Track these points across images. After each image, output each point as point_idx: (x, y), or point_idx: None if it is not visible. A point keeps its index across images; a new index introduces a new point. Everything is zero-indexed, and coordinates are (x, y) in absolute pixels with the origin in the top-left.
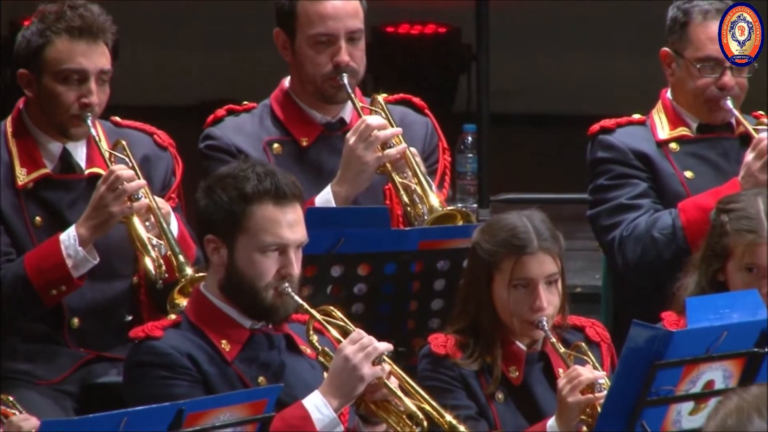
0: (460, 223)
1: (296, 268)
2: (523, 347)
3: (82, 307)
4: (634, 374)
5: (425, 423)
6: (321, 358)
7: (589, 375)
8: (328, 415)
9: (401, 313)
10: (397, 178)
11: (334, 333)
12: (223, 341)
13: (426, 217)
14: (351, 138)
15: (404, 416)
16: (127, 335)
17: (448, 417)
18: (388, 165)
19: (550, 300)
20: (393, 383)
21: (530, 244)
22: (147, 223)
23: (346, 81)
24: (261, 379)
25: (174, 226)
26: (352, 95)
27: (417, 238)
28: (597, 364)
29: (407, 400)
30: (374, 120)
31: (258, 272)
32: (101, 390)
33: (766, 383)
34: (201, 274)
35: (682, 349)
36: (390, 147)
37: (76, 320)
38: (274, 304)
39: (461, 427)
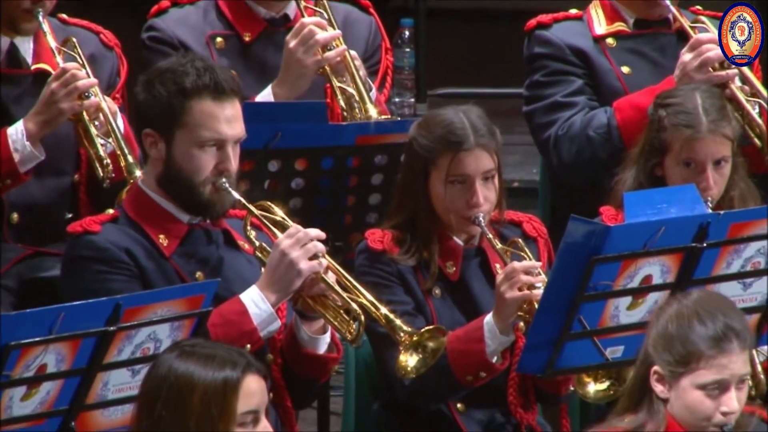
0: None
1: (234, 164)
2: (460, 243)
3: (22, 202)
4: (572, 269)
5: (362, 317)
6: (258, 254)
7: (526, 267)
8: (265, 310)
9: (338, 208)
10: (335, 82)
11: (272, 228)
12: (161, 236)
13: None
14: (291, 41)
15: (341, 311)
16: (65, 232)
17: (384, 310)
18: (327, 68)
19: (486, 196)
20: (330, 278)
21: (467, 140)
22: (96, 122)
23: None
24: (199, 274)
25: (120, 126)
26: None
27: (354, 133)
28: (534, 260)
29: (345, 295)
30: (315, 22)
31: (196, 167)
32: (39, 285)
33: (706, 287)
34: None
35: (619, 244)
36: (330, 50)
37: (15, 215)
38: (212, 199)
39: (397, 321)
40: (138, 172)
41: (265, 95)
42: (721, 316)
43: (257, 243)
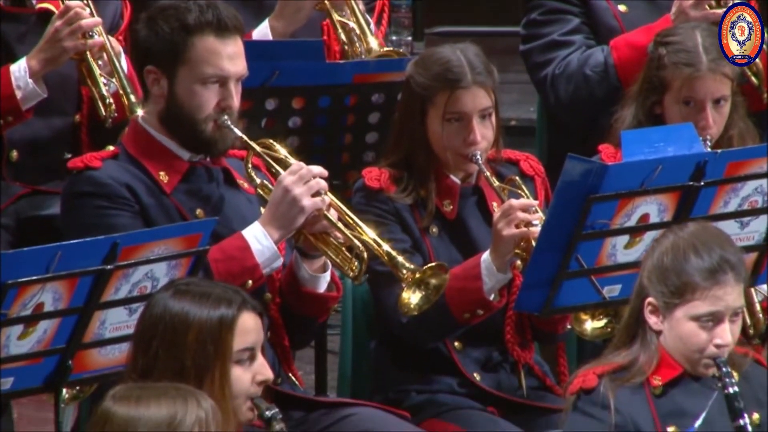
0: None
1: (236, 101)
2: (457, 181)
3: (22, 140)
4: (569, 208)
5: (365, 254)
6: (260, 191)
7: (524, 203)
8: (268, 247)
9: (336, 147)
10: (335, 16)
11: (274, 166)
12: (162, 172)
13: (363, 57)
14: None
15: (343, 248)
16: (64, 172)
17: (386, 248)
18: (326, 2)
19: (483, 134)
20: (333, 215)
21: (464, 77)
22: (99, 62)
23: None
24: (199, 211)
25: (124, 66)
26: None
27: (351, 72)
28: (531, 198)
29: (347, 232)
30: None
31: (198, 104)
32: (37, 224)
33: (702, 220)
34: None
35: (617, 182)
36: None
37: (15, 153)
38: (214, 136)
39: (399, 258)
40: (140, 111)
41: (262, 29)
42: (717, 248)
43: (258, 180)
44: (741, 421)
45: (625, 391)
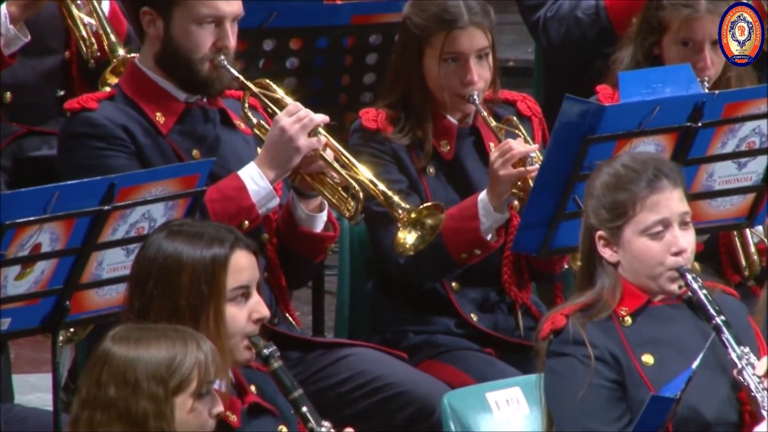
0: None
1: (232, 41)
2: (454, 121)
3: (13, 81)
4: (567, 148)
5: (361, 194)
6: (256, 131)
7: (521, 148)
8: (264, 187)
9: (333, 88)
10: None
11: (271, 106)
12: (158, 113)
13: None
14: None
15: (339, 188)
16: (59, 110)
17: (383, 188)
18: None
19: (480, 74)
20: (329, 155)
21: (461, 18)
22: (78, 1)
23: None
24: (195, 152)
25: (105, 4)
26: None
27: (349, 12)
28: (528, 138)
29: (343, 172)
30: None
31: (194, 44)
32: (34, 164)
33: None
34: (133, 54)
35: (614, 123)
36: None
37: (8, 95)
38: (210, 76)
39: (396, 198)
40: (121, 51)
41: None
42: (649, 161)
43: (255, 120)
44: (716, 320)
45: (594, 326)
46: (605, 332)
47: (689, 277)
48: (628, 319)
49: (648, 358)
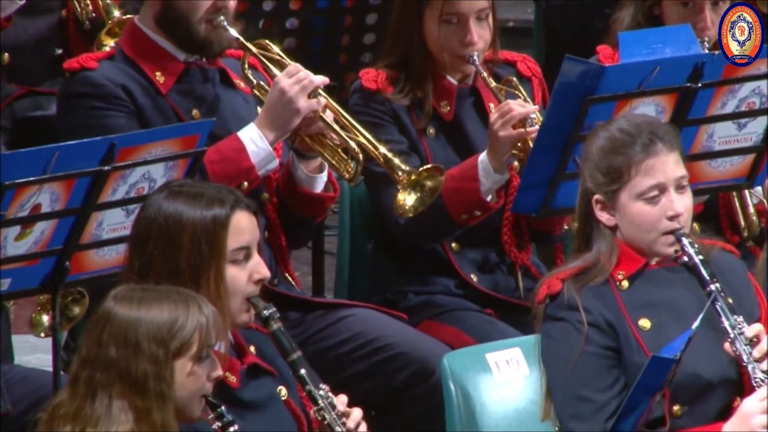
0: None
1: (232, 1)
2: (454, 82)
3: (11, 42)
4: (567, 109)
5: (360, 156)
6: (256, 92)
7: (521, 109)
8: (263, 148)
9: (333, 48)
10: None
11: (270, 67)
12: (158, 73)
13: None
14: None
15: (339, 150)
16: (57, 70)
17: (382, 149)
18: None
19: (480, 34)
20: (328, 116)
21: None
22: None
23: None
24: (195, 111)
25: None
26: None
27: None
28: (528, 99)
29: (343, 133)
30: None
31: (193, 4)
32: (33, 124)
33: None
34: (128, 16)
35: (614, 84)
36: None
37: (6, 56)
38: (209, 37)
39: (395, 160)
40: (116, 13)
41: None
42: (644, 125)
43: (255, 81)
44: (711, 287)
45: (590, 291)
46: (601, 297)
47: (685, 241)
48: (625, 283)
49: (645, 322)
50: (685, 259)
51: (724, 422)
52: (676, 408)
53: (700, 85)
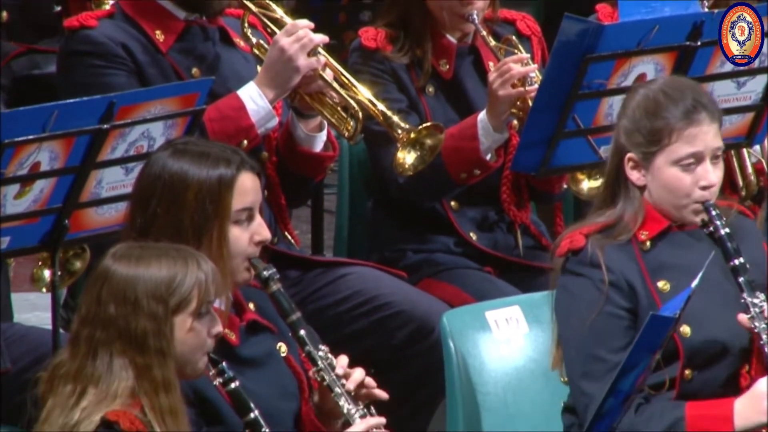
0: None
1: None
2: (454, 41)
3: (9, 0)
4: (566, 68)
5: (360, 114)
6: (256, 51)
7: (520, 68)
8: (263, 107)
9: (332, 6)
10: None
11: (270, 26)
12: (158, 31)
13: None
14: None
15: (339, 108)
16: (56, 28)
17: (382, 107)
18: None
19: None
20: (328, 75)
21: None
22: None
23: None
24: (195, 70)
25: None
26: None
27: None
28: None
29: (342, 92)
30: None
31: None
32: (33, 82)
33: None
34: None
35: (613, 42)
36: None
37: (4, 14)
38: None
39: (395, 118)
40: None
41: None
42: (688, 91)
43: (254, 40)
44: (735, 261)
45: (612, 249)
46: (623, 256)
47: (714, 212)
48: (648, 244)
49: (664, 285)
50: (711, 229)
51: (735, 397)
52: (687, 372)
53: (699, 43)
